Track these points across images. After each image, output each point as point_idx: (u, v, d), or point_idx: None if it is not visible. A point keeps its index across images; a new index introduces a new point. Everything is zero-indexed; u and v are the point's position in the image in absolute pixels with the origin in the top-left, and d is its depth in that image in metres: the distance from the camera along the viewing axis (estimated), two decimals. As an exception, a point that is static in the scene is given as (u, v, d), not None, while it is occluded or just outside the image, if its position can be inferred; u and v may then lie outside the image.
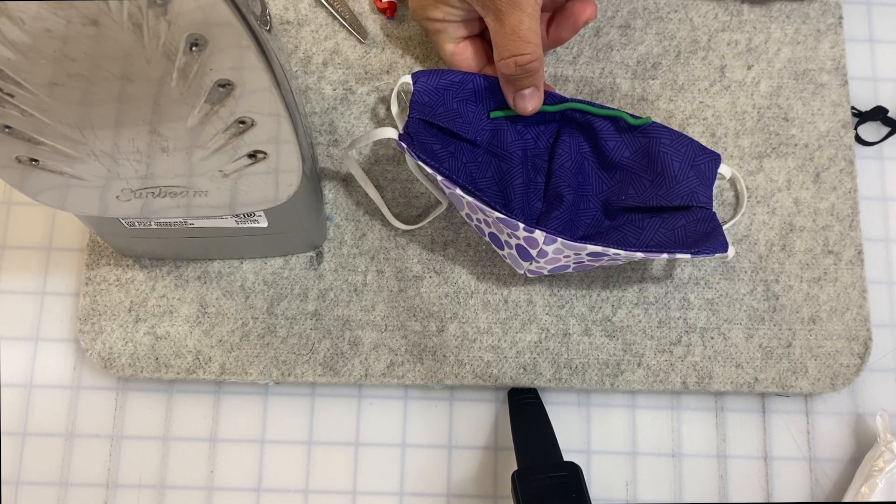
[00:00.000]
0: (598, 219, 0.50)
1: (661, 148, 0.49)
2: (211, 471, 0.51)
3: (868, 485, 0.49)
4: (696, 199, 0.48)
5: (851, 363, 0.51)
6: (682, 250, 0.45)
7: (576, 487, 0.43)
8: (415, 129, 0.47)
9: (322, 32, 0.54)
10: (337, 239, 0.52)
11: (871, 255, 0.53)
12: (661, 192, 0.48)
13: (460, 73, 0.49)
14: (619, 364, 0.50)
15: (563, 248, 0.44)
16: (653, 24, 0.55)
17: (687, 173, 0.48)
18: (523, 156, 0.50)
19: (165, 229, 0.46)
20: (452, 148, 0.48)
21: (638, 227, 0.48)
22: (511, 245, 0.46)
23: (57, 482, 0.50)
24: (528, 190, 0.50)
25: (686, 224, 0.47)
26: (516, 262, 0.47)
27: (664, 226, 0.47)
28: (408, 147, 0.45)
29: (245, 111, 0.35)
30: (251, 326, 0.51)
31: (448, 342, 0.50)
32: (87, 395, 0.52)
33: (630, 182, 0.49)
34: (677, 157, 0.48)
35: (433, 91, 0.48)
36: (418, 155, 0.44)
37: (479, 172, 0.49)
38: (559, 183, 0.49)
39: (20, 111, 0.33)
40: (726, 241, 0.45)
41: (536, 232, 0.44)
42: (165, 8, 0.29)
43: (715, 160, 0.49)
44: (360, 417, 0.52)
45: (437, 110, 0.48)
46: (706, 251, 0.45)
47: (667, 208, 0.48)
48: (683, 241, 0.46)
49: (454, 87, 0.49)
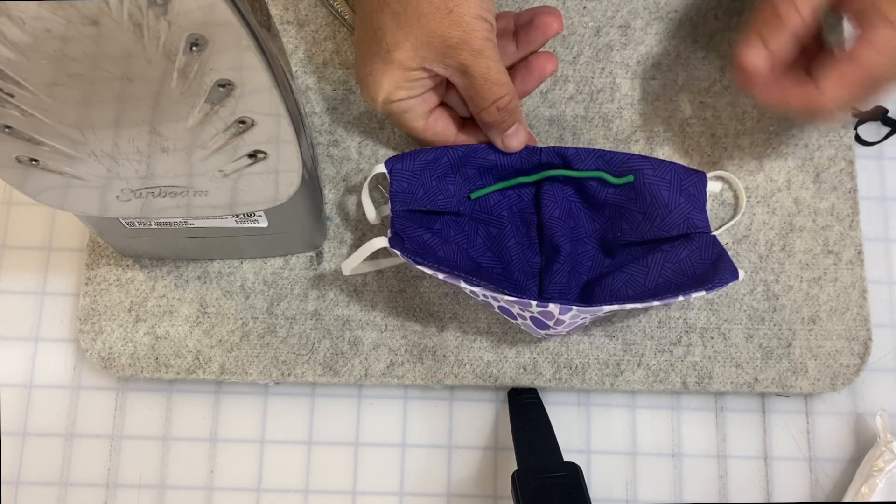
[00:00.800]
0: (598, 260, 0.50)
1: (646, 179, 0.48)
2: (211, 471, 0.51)
3: (868, 485, 0.49)
4: (693, 226, 0.48)
5: (851, 363, 0.51)
6: (696, 289, 0.44)
7: (576, 487, 0.43)
8: (401, 225, 0.46)
9: (322, 32, 0.54)
10: (337, 239, 0.52)
11: (871, 255, 0.53)
12: (657, 224, 0.48)
13: (432, 151, 0.48)
14: (618, 364, 0.50)
15: (579, 313, 0.44)
16: (653, 24, 0.55)
17: (678, 200, 0.48)
18: (510, 215, 0.50)
19: (165, 229, 0.46)
20: (438, 226, 0.48)
21: (642, 264, 0.47)
22: (524, 317, 0.45)
23: (57, 482, 0.50)
24: (522, 247, 0.49)
25: (690, 254, 0.47)
26: (532, 330, 0.46)
27: (668, 260, 0.47)
28: (402, 253, 0.44)
29: (245, 111, 0.35)
30: (251, 326, 0.51)
31: (448, 342, 0.50)
32: (87, 395, 0.52)
33: (621, 217, 0.49)
34: (664, 186, 0.48)
35: (410, 175, 0.48)
36: (414, 259, 0.43)
37: (468, 242, 0.49)
38: (553, 234, 0.49)
39: (20, 111, 0.33)
40: (735, 266, 0.45)
41: (551, 305, 0.43)
42: (165, 8, 0.29)
43: (701, 179, 0.49)
44: (360, 417, 0.52)
45: (418, 194, 0.48)
46: (719, 284, 0.44)
47: (665, 239, 0.48)
48: (691, 272, 0.46)
49: (430, 166, 0.48)
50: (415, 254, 0.44)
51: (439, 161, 0.48)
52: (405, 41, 0.44)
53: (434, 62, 0.44)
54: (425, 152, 0.48)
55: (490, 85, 0.44)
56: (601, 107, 0.54)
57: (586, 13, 0.55)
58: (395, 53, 0.44)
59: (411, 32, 0.43)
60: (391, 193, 0.47)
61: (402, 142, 0.53)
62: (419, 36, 0.43)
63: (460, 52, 0.43)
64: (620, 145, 0.53)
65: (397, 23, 0.43)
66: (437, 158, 0.48)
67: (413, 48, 0.44)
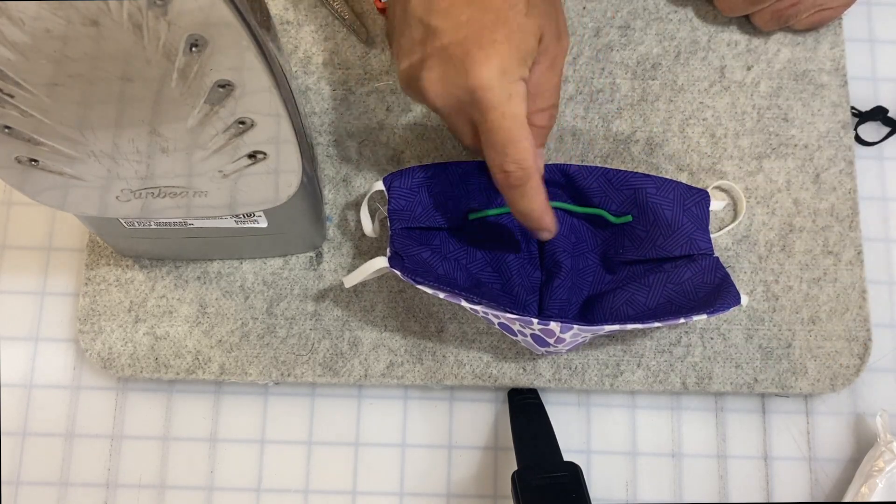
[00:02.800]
0: (599, 275, 0.50)
1: (649, 198, 0.48)
2: (211, 471, 0.51)
3: (868, 485, 0.49)
4: (696, 247, 0.48)
5: (851, 363, 0.51)
6: (698, 311, 0.44)
7: (576, 487, 0.43)
8: (400, 244, 0.46)
9: (322, 32, 0.54)
10: (337, 239, 0.52)
11: (870, 255, 0.53)
12: (659, 243, 0.48)
13: (431, 168, 0.48)
14: (618, 364, 0.50)
15: (580, 332, 0.44)
16: (653, 24, 0.55)
17: (681, 220, 0.48)
18: (510, 229, 0.50)
19: (165, 229, 0.46)
20: (437, 241, 0.48)
21: (643, 283, 0.47)
22: (525, 334, 0.45)
23: (57, 482, 0.50)
24: (523, 262, 0.49)
25: (692, 276, 0.47)
26: (532, 347, 0.46)
27: (670, 280, 0.47)
28: (402, 273, 0.44)
29: (245, 111, 0.35)
30: (251, 327, 0.51)
31: (448, 342, 0.50)
32: (87, 395, 0.52)
33: (623, 234, 0.49)
34: (667, 205, 0.48)
35: (408, 192, 0.48)
36: (414, 279, 0.43)
37: (468, 258, 0.48)
38: (554, 250, 0.49)
39: (20, 111, 0.33)
40: (737, 291, 0.45)
41: (552, 324, 0.43)
42: (165, 8, 0.29)
43: (704, 199, 0.49)
44: (359, 417, 0.52)
45: (416, 211, 0.47)
46: (721, 308, 0.44)
47: (667, 258, 0.48)
48: (694, 295, 0.46)
49: (428, 183, 0.48)
50: (414, 273, 0.44)
51: (437, 178, 0.48)
52: (530, 21, 0.40)
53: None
54: (423, 169, 0.48)
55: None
56: (601, 107, 0.54)
57: (586, 13, 0.55)
58: (523, 32, 0.40)
59: (540, 16, 0.41)
60: (389, 212, 0.47)
61: (402, 142, 0.53)
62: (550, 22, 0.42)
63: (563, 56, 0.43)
64: (620, 145, 0.53)
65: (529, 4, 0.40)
66: (436, 175, 0.48)
67: (539, 29, 0.41)
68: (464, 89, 0.40)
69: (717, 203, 0.50)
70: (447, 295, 0.44)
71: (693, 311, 0.44)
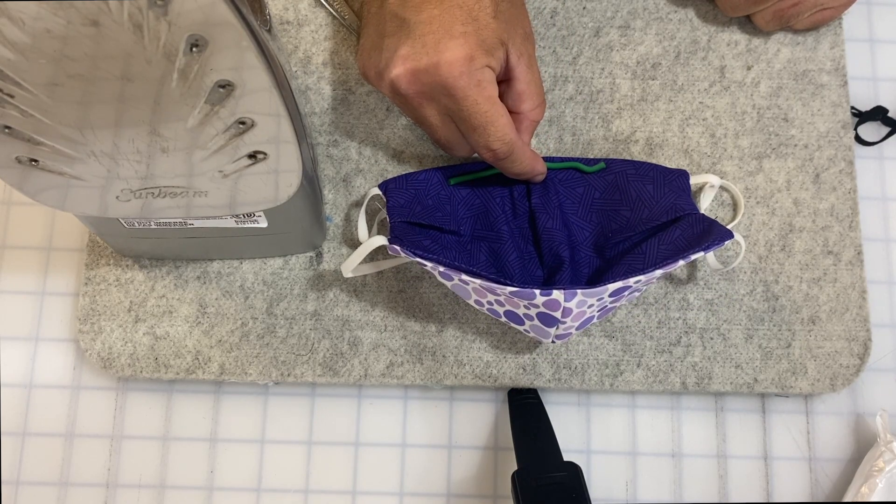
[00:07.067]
0: (595, 264, 0.50)
1: (630, 179, 0.50)
2: (211, 471, 0.51)
3: (868, 485, 0.49)
4: (681, 209, 0.48)
5: (851, 363, 0.51)
6: (694, 250, 0.44)
7: (576, 487, 0.43)
8: (400, 231, 0.46)
9: (322, 32, 0.54)
10: (337, 239, 0.52)
11: (870, 255, 0.53)
12: (645, 216, 0.49)
13: (423, 172, 0.50)
14: (618, 364, 0.50)
15: (585, 298, 0.43)
16: (653, 24, 0.55)
17: (662, 191, 0.49)
18: (509, 231, 0.50)
19: (165, 229, 0.46)
20: (441, 241, 0.48)
21: (637, 252, 0.48)
22: (531, 316, 0.45)
23: (57, 482, 0.50)
24: (523, 262, 0.50)
25: (682, 232, 0.47)
26: (541, 332, 0.46)
27: (662, 242, 0.47)
28: (401, 248, 0.44)
29: (245, 111, 0.35)
30: (251, 326, 0.51)
31: (447, 342, 0.50)
32: (86, 395, 0.52)
33: (610, 219, 0.50)
34: (648, 182, 0.50)
35: (407, 193, 0.49)
36: (413, 252, 0.44)
37: (471, 260, 0.49)
38: (552, 244, 0.49)
39: (20, 111, 0.33)
40: (728, 230, 0.45)
41: (554, 292, 0.42)
42: (165, 8, 0.29)
43: (683, 175, 0.50)
44: (359, 417, 0.52)
45: (416, 209, 0.48)
46: (715, 243, 0.44)
47: (657, 228, 0.48)
48: (686, 246, 0.46)
49: (424, 187, 0.49)
50: (413, 245, 0.44)
51: (432, 181, 0.50)
52: (496, 22, 0.44)
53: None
54: (418, 174, 0.50)
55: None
56: (601, 107, 0.54)
57: (586, 13, 0.55)
58: (490, 30, 0.44)
59: (502, 20, 0.45)
60: (388, 209, 0.48)
61: (402, 142, 0.53)
62: (513, 26, 0.46)
63: (531, 45, 0.47)
64: (620, 146, 0.53)
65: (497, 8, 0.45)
66: (429, 179, 0.50)
67: (505, 31, 0.45)
68: (434, 75, 0.43)
69: (712, 177, 0.51)
70: (447, 268, 0.44)
71: (689, 250, 0.44)
